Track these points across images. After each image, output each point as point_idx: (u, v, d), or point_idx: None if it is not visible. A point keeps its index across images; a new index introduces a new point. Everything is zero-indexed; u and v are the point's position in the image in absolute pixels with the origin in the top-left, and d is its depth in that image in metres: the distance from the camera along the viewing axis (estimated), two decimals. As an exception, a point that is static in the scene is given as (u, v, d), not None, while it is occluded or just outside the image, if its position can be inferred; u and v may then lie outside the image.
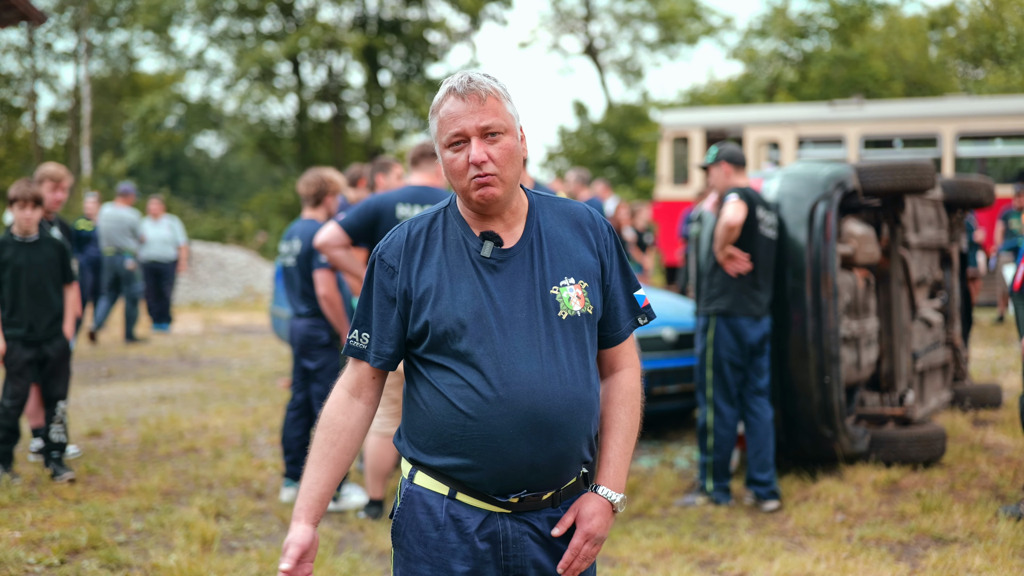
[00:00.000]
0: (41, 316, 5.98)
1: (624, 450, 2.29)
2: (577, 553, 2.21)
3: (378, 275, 2.24)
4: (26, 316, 5.94)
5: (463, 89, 2.17)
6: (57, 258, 6.07)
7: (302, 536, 2.21)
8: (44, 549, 4.79)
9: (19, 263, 5.94)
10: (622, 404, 2.32)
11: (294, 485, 5.94)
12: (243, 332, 14.06)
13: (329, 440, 2.23)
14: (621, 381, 2.34)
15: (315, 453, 2.24)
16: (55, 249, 6.08)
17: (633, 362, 2.37)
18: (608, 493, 2.25)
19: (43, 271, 6.00)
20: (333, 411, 2.26)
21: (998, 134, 15.89)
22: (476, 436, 2.13)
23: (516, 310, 2.18)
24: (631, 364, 2.36)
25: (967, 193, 7.46)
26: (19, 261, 5.95)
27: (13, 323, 5.95)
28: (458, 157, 2.17)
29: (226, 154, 39.83)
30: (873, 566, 4.63)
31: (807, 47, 29.70)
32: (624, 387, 2.34)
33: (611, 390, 2.34)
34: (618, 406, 2.32)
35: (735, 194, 5.64)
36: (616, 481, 2.26)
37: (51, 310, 6.02)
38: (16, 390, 5.95)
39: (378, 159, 6.59)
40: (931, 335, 7.21)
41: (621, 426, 2.30)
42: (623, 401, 2.32)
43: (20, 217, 5.92)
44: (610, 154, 31.63)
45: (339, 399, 2.27)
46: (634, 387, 2.35)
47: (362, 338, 2.25)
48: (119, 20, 30.92)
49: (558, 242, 2.26)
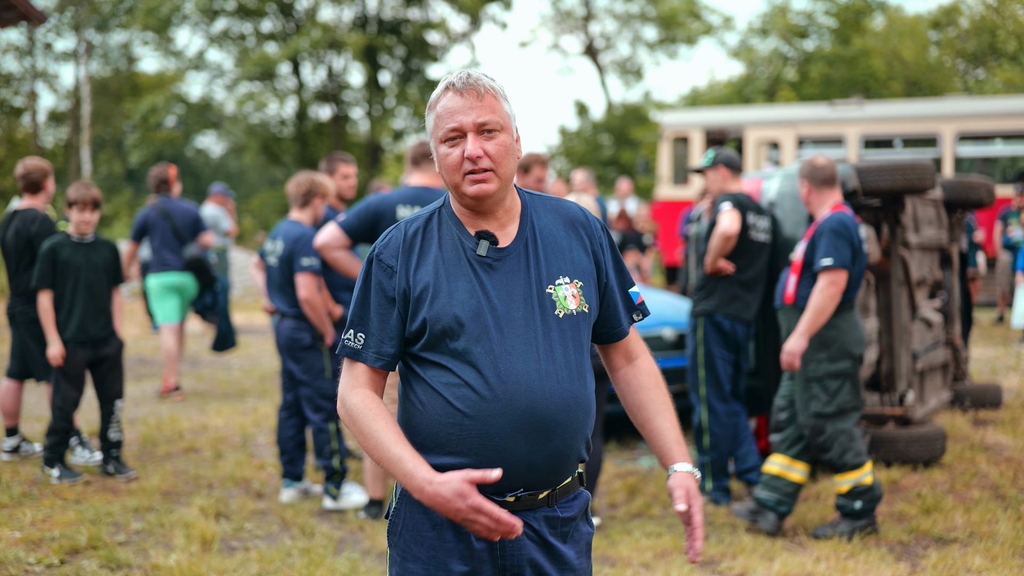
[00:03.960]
0: (96, 317, 6.07)
1: (676, 426, 2.34)
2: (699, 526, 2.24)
3: (376, 275, 2.23)
4: (81, 317, 6.02)
5: (462, 85, 2.18)
6: (112, 259, 6.18)
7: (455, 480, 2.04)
8: (44, 549, 4.79)
9: (77, 264, 6.02)
10: (657, 387, 2.37)
11: (293, 485, 5.94)
12: (243, 332, 14.05)
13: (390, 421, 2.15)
14: (644, 366, 2.39)
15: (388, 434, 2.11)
16: (110, 251, 6.19)
17: (644, 348, 2.42)
18: (690, 468, 2.28)
19: (99, 272, 6.09)
20: (368, 402, 2.18)
21: (998, 134, 15.88)
22: (473, 435, 2.13)
23: (513, 309, 2.18)
24: (644, 350, 2.42)
25: (967, 193, 7.46)
26: (77, 262, 6.02)
27: (69, 324, 6.02)
28: (453, 152, 2.18)
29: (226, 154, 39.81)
30: (873, 566, 4.63)
31: (807, 47, 29.70)
32: (650, 370, 2.39)
33: (640, 376, 2.37)
34: (654, 389, 2.36)
35: (728, 202, 5.70)
36: (685, 454, 2.31)
37: (105, 311, 6.12)
38: (70, 392, 6.04)
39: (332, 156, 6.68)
40: (931, 335, 7.21)
41: (667, 406, 2.35)
42: (656, 384, 2.37)
43: (79, 220, 6.03)
44: (610, 154, 31.62)
45: (364, 394, 2.20)
46: (656, 369, 2.41)
47: (357, 338, 2.23)
48: (119, 20, 30.90)
49: (552, 241, 2.27)
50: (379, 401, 2.21)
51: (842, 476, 5.11)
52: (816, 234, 5.08)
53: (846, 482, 5.10)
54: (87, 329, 6.03)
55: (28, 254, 6.33)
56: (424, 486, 2.05)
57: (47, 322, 5.96)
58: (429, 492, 2.05)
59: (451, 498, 2.03)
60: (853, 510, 5.09)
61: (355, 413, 2.18)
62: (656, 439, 2.32)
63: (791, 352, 4.97)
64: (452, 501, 2.03)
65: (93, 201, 6.03)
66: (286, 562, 4.72)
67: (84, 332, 6.03)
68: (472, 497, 2.02)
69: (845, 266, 4.95)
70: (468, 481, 2.03)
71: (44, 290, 5.98)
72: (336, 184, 6.58)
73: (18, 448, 6.57)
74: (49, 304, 5.97)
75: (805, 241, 5.17)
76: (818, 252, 5.01)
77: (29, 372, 6.50)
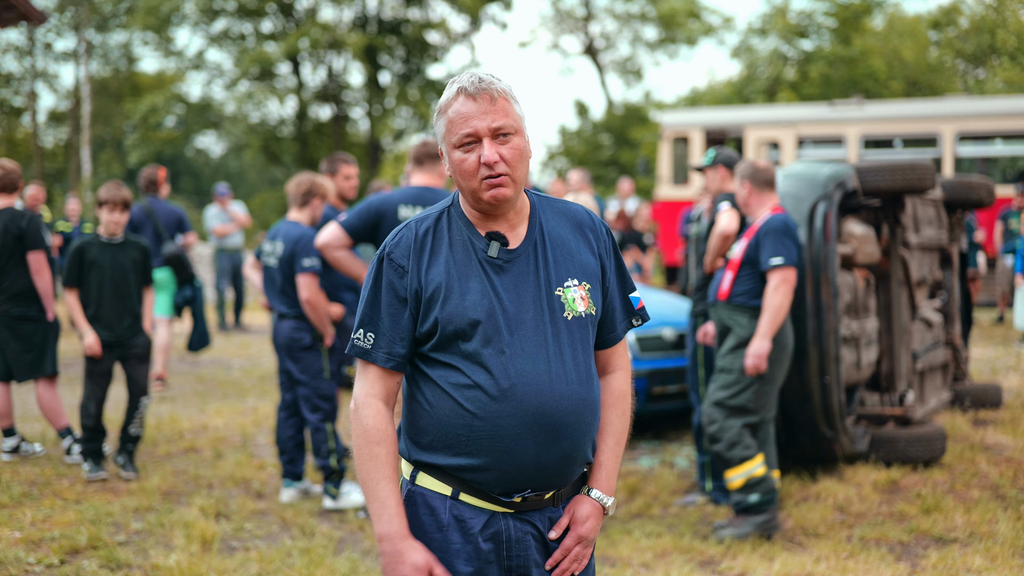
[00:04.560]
0: (122, 317, 6.10)
1: (615, 452, 2.30)
2: (567, 553, 2.23)
3: (387, 274, 2.21)
4: (107, 316, 6.05)
5: (475, 89, 2.16)
6: (141, 260, 6.20)
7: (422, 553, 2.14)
8: (44, 549, 4.79)
9: (104, 263, 6.06)
10: (613, 407, 2.33)
11: (293, 485, 5.94)
12: (243, 332, 14.05)
13: (391, 454, 2.18)
14: (612, 384, 2.35)
15: (385, 469, 2.16)
16: (139, 251, 6.21)
17: (625, 364, 2.38)
18: (600, 496, 2.27)
19: (127, 272, 6.12)
20: (379, 423, 2.19)
21: (998, 134, 15.88)
22: (483, 436, 2.13)
23: (523, 310, 2.18)
24: (623, 366, 2.37)
25: (967, 193, 7.46)
26: (104, 262, 6.06)
27: (95, 323, 6.05)
28: (468, 158, 2.16)
29: (226, 154, 39.80)
30: (873, 566, 4.63)
31: (807, 47, 29.69)
32: (616, 389, 2.34)
33: (603, 392, 2.34)
34: (609, 409, 2.33)
35: (727, 202, 5.71)
36: (608, 484, 2.28)
37: (132, 311, 6.15)
38: (95, 390, 6.09)
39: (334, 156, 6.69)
40: (931, 335, 7.21)
41: (612, 429, 2.31)
42: (614, 404, 2.33)
43: (108, 220, 6.07)
44: (610, 154, 31.62)
45: (378, 409, 2.20)
46: (625, 389, 2.36)
47: (367, 338, 2.21)
48: (119, 20, 30.89)
49: (561, 243, 2.26)
50: (390, 423, 2.20)
51: (733, 471, 5.18)
52: (760, 234, 5.20)
53: (738, 476, 5.16)
54: (112, 329, 6.06)
55: (19, 252, 6.29)
56: (387, 542, 2.11)
57: (77, 317, 6.03)
58: (387, 550, 2.11)
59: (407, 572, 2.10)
60: (750, 504, 5.14)
61: (363, 429, 2.18)
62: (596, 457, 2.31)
63: (757, 355, 5.05)
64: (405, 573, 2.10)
65: (123, 202, 6.08)
66: (286, 562, 4.72)
67: (109, 332, 6.06)
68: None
69: (794, 264, 5.12)
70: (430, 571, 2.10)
71: (70, 289, 6.05)
72: (338, 185, 6.59)
73: (18, 448, 6.57)
74: (75, 300, 6.03)
75: (745, 240, 5.29)
76: (764, 251, 5.14)
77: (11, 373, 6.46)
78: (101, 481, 6.01)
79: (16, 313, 6.28)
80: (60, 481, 5.96)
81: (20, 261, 6.27)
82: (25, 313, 6.30)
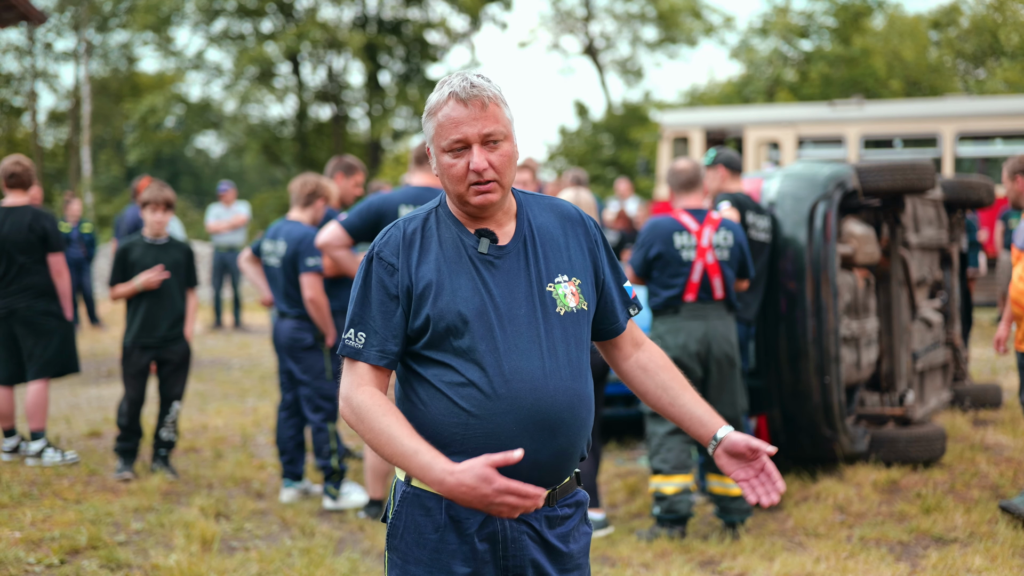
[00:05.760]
0: (162, 319, 6.06)
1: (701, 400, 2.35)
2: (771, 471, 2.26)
3: (377, 273, 2.21)
4: (144, 318, 6.03)
5: (465, 95, 2.16)
6: (184, 261, 6.18)
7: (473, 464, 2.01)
8: (44, 549, 4.79)
9: (147, 264, 6.04)
10: (667, 368, 2.38)
11: (293, 485, 5.94)
12: (243, 332, 14.05)
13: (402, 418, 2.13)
14: (652, 350, 2.41)
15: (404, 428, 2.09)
16: (182, 253, 6.19)
17: (645, 338, 2.44)
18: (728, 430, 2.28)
19: (170, 273, 6.09)
20: (377, 399, 2.15)
21: (998, 134, 15.88)
22: (479, 434, 2.12)
23: (515, 307, 2.18)
24: (645, 339, 2.44)
25: (967, 193, 7.46)
26: (147, 262, 6.05)
27: (132, 325, 6.05)
28: (457, 163, 2.17)
29: (226, 154, 39.80)
30: (873, 566, 4.63)
31: (807, 47, 29.69)
32: (657, 356, 2.40)
33: (655, 357, 2.39)
34: (671, 369, 2.38)
35: (727, 201, 5.72)
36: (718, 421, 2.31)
37: (173, 313, 6.11)
38: (129, 392, 6.08)
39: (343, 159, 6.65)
40: (931, 335, 7.21)
41: (682, 383, 2.36)
42: (666, 366, 2.39)
43: (152, 220, 6.06)
44: (610, 154, 31.62)
45: (371, 392, 2.16)
46: (663, 353, 2.42)
47: (358, 338, 2.20)
48: (119, 20, 30.89)
49: (550, 239, 2.27)
50: (386, 398, 2.19)
51: (652, 477, 5.26)
52: None
53: (652, 484, 5.24)
54: (151, 331, 6.04)
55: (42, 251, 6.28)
56: (445, 477, 2.02)
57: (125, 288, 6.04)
58: (451, 483, 2.01)
59: (476, 484, 1.99)
60: (654, 514, 5.20)
61: (362, 411, 2.14)
62: (690, 414, 2.31)
63: None
64: (477, 488, 1.99)
65: (166, 202, 6.07)
66: (286, 562, 4.72)
67: (148, 334, 6.03)
68: (497, 480, 1.99)
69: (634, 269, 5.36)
70: (490, 465, 2.00)
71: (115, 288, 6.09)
72: (349, 189, 6.55)
73: (18, 448, 6.56)
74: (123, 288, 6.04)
75: None
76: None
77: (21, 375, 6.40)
78: (124, 481, 5.96)
79: (41, 308, 6.26)
80: (60, 481, 5.96)
81: (42, 259, 6.27)
82: (48, 308, 6.28)
